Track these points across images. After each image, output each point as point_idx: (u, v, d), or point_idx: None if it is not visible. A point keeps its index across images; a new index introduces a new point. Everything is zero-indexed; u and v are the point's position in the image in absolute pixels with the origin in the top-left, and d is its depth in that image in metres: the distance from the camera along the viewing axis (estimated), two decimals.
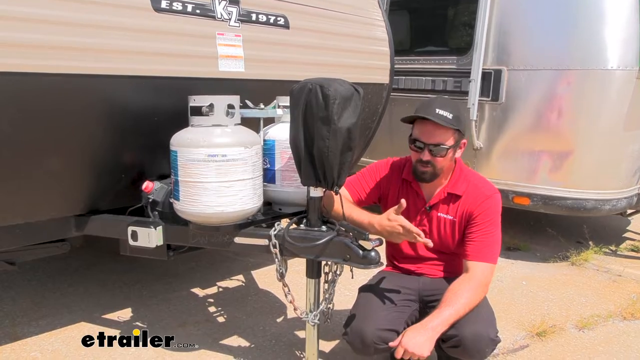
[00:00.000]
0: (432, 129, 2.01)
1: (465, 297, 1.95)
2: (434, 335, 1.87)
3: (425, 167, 2.07)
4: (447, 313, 1.91)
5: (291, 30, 2.72)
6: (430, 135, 2.02)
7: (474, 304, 1.96)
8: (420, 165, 2.08)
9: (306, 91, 1.88)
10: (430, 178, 2.11)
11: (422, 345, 1.83)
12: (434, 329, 1.88)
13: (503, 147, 4.02)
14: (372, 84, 3.34)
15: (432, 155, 2.04)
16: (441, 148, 2.02)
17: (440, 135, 2.01)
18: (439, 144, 2.02)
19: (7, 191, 2.07)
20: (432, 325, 1.89)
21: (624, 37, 3.58)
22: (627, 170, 3.90)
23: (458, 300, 1.94)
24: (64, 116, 2.06)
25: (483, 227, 2.08)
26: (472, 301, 1.96)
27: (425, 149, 2.04)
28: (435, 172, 2.09)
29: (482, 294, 2.02)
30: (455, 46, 4.45)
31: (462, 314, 1.92)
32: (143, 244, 2.23)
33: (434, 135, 2.02)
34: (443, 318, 1.90)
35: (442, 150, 2.03)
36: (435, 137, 2.02)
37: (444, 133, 2.01)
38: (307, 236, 2.01)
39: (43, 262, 3.59)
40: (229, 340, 2.73)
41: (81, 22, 1.97)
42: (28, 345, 2.66)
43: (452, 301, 1.94)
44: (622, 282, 3.66)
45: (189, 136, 2.00)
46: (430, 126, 2.01)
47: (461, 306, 1.93)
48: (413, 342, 1.84)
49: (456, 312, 1.92)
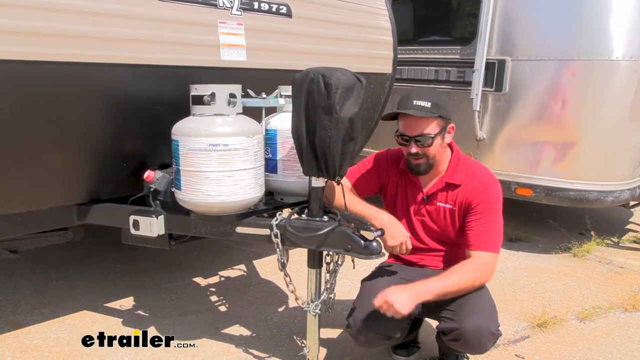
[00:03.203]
0: (413, 121, 2.02)
1: (458, 275, 1.97)
2: (415, 297, 1.89)
3: (418, 159, 2.07)
4: (435, 284, 1.94)
5: (294, 19, 2.70)
6: (413, 128, 2.03)
7: (466, 285, 1.96)
8: (413, 159, 2.08)
9: (308, 80, 1.86)
10: (426, 169, 2.11)
11: (402, 301, 1.85)
12: (417, 292, 1.90)
13: (506, 138, 4.00)
14: (375, 74, 3.32)
15: (420, 147, 2.04)
16: (426, 137, 2.03)
17: (422, 125, 2.02)
18: (423, 134, 2.02)
19: (9, 180, 2.07)
20: (417, 289, 1.91)
21: (629, 27, 3.55)
22: (631, 161, 3.88)
23: (450, 277, 1.96)
24: (66, 105, 2.06)
25: (483, 216, 2.07)
26: (465, 281, 1.96)
27: (411, 142, 2.05)
28: (429, 163, 2.09)
29: (479, 279, 2.01)
30: (458, 36, 4.42)
31: (450, 290, 1.93)
32: (145, 233, 2.24)
33: (416, 127, 2.03)
34: (429, 286, 1.93)
35: (428, 139, 2.03)
36: (418, 128, 2.02)
37: (425, 123, 2.02)
38: (309, 226, 2.01)
39: (46, 250, 3.61)
40: (231, 330, 2.74)
41: (83, 9, 1.96)
42: (31, 333, 2.67)
43: (444, 276, 1.97)
44: (624, 274, 3.66)
45: (191, 125, 1.99)
46: (410, 119, 2.03)
47: (451, 282, 1.94)
48: (395, 295, 1.87)
49: (443, 286, 1.93)
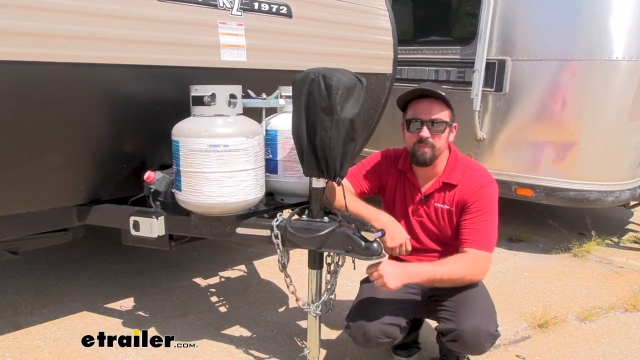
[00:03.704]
0: (429, 105, 2.04)
1: (450, 265, 1.98)
2: (406, 275, 1.93)
3: (425, 146, 2.06)
4: (427, 268, 1.98)
5: (294, 20, 2.70)
6: (429, 111, 2.04)
7: (457, 276, 1.98)
8: (420, 146, 2.07)
9: (309, 81, 1.86)
10: (430, 160, 2.09)
11: (392, 276, 1.89)
12: (409, 272, 1.94)
13: (506, 138, 4.00)
14: (375, 74, 3.32)
15: (433, 133, 2.04)
16: (440, 122, 2.03)
17: (437, 110, 2.04)
18: (438, 119, 2.03)
19: (9, 180, 2.07)
20: (409, 269, 1.96)
21: (629, 27, 3.55)
22: (631, 161, 3.88)
23: (442, 265, 1.99)
24: (66, 105, 2.05)
25: (478, 215, 2.07)
26: (456, 272, 1.97)
27: (424, 126, 2.04)
28: (434, 154, 2.08)
29: (471, 273, 2.00)
30: (459, 36, 4.42)
31: (440, 277, 1.95)
32: (145, 234, 2.23)
33: (432, 111, 2.04)
34: (421, 269, 1.97)
35: (442, 125, 2.04)
36: (434, 112, 2.04)
37: (440, 108, 2.04)
38: (309, 227, 2.01)
39: (46, 251, 3.60)
40: (231, 330, 2.74)
41: (83, 10, 1.96)
42: (31, 334, 2.67)
43: (437, 263, 2.02)
44: (624, 274, 3.66)
45: (191, 126, 1.99)
46: (426, 103, 2.04)
47: (442, 270, 1.96)
48: (388, 270, 1.90)
49: (434, 271, 1.95)
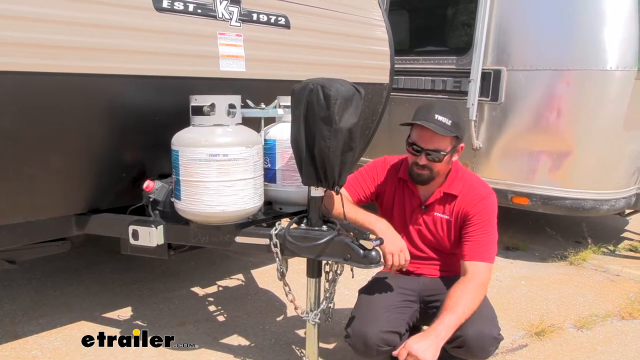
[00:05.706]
0: (430, 135, 2.00)
1: (465, 301, 1.95)
2: (438, 342, 1.86)
3: (422, 170, 2.08)
4: (449, 319, 1.91)
5: (292, 30, 2.72)
6: (429, 141, 2.02)
7: (475, 305, 1.96)
8: (417, 168, 2.09)
9: (307, 91, 1.88)
10: (427, 181, 2.12)
11: (425, 350, 1.82)
12: (437, 335, 1.87)
13: (502, 147, 4.03)
14: (373, 84, 3.34)
15: (429, 160, 2.04)
16: (439, 154, 2.02)
17: (438, 142, 2.01)
18: (437, 150, 2.02)
19: (8, 190, 2.07)
20: (435, 332, 1.88)
21: (623, 37, 3.60)
22: (626, 170, 3.91)
23: (459, 306, 1.93)
24: (66, 115, 2.06)
25: (479, 227, 2.08)
26: (473, 303, 1.96)
27: (422, 154, 2.04)
28: (431, 176, 2.09)
29: (482, 294, 2.02)
30: (454, 46, 4.46)
31: (463, 318, 1.92)
32: (144, 243, 2.24)
33: (432, 141, 2.01)
34: (445, 324, 1.90)
35: (440, 155, 2.03)
36: (434, 142, 2.01)
37: (442, 140, 2.01)
38: (308, 236, 2.02)
39: (43, 261, 3.58)
40: (229, 340, 2.74)
41: (82, 21, 1.97)
42: (28, 343, 2.66)
43: (453, 308, 1.93)
44: (621, 282, 3.67)
45: (191, 136, 2.00)
46: (428, 132, 2.00)
47: (462, 311, 1.92)
48: (417, 345, 1.84)
49: (457, 318, 1.91)
